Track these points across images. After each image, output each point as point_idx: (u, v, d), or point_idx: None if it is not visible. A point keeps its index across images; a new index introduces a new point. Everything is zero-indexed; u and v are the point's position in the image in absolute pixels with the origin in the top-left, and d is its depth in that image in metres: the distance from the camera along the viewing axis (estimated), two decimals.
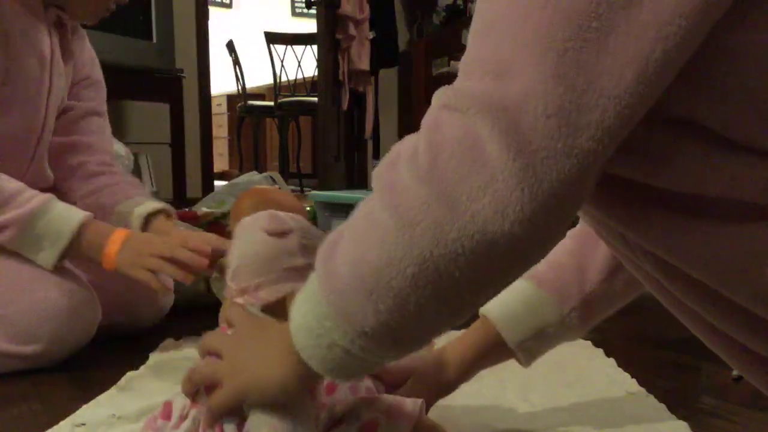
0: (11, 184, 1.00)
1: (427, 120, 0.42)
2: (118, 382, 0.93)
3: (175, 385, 0.89)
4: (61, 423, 0.80)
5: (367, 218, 0.44)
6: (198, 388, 0.57)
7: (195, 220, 1.52)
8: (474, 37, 0.41)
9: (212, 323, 0.91)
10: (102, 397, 0.88)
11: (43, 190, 1.10)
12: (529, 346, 0.70)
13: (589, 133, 0.37)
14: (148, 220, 1.14)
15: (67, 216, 1.00)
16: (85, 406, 0.85)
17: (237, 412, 0.55)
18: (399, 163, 0.42)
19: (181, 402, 0.60)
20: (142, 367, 1.00)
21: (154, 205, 1.15)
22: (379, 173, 0.44)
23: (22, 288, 1.00)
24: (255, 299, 0.62)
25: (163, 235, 1.08)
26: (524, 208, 0.37)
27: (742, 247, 0.40)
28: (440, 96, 0.42)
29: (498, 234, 0.38)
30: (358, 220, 0.45)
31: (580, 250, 0.70)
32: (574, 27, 0.36)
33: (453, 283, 0.41)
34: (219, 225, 1.54)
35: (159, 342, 1.13)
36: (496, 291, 0.44)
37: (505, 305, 0.70)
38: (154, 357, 1.05)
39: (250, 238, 0.64)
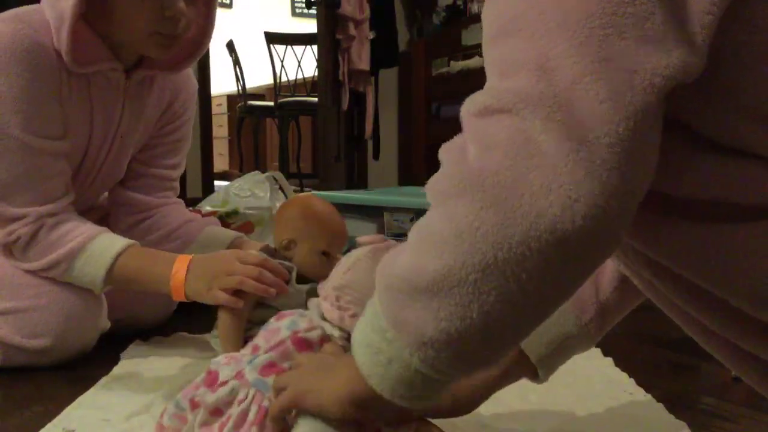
0: (68, 224, 1.01)
1: (470, 128, 0.41)
2: (97, 383, 0.94)
3: (153, 385, 0.90)
4: (49, 426, 0.80)
5: (423, 229, 0.42)
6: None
7: None
8: (495, 39, 0.40)
9: (212, 323, 0.91)
10: (82, 399, 0.88)
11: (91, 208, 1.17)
12: (550, 360, 0.68)
13: (650, 112, 0.36)
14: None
15: (109, 244, 1.00)
16: (69, 408, 0.85)
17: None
18: (448, 171, 0.41)
19: (227, 371, 0.63)
20: (114, 368, 1.01)
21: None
22: (431, 184, 0.43)
23: (38, 284, 1.02)
24: (345, 321, 0.63)
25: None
26: (597, 200, 0.36)
27: (733, 247, 0.40)
28: (476, 102, 0.40)
29: (569, 231, 0.36)
30: (415, 233, 0.43)
31: None
32: (609, 14, 0.36)
33: (520, 287, 0.38)
34: (224, 223, 1.54)
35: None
36: (570, 293, 0.42)
37: None
38: (126, 358, 1.06)
39: (365, 268, 0.64)
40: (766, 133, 0.38)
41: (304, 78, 4.02)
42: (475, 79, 0.43)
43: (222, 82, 5.20)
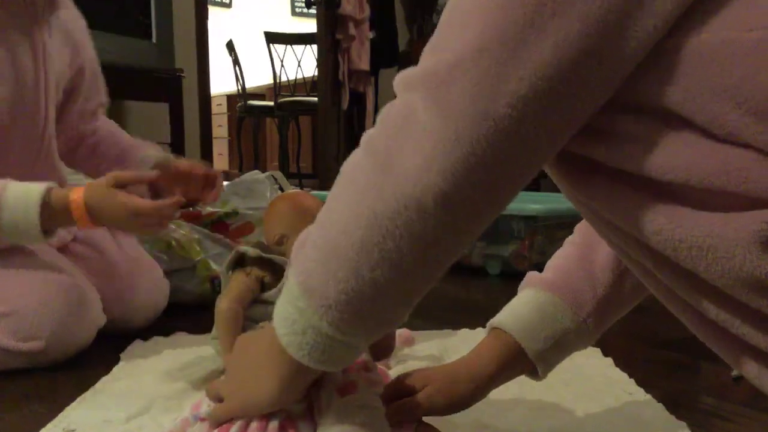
0: None
1: (385, 106, 0.47)
2: (96, 385, 0.93)
3: (153, 385, 0.91)
4: (49, 426, 0.79)
5: (330, 199, 0.49)
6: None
7: (198, 219, 1.52)
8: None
9: (211, 323, 0.91)
10: (82, 400, 0.88)
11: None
12: (549, 356, 0.68)
13: (505, 99, 0.40)
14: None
15: (26, 191, 0.96)
16: (69, 409, 0.84)
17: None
18: (358, 147, 0.48)
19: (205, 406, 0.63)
20: (114, 368, 1.01)
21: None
22: (346, 160, 0.49)
23: (29, 287, 1.02)
24: None
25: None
26: (446, 163, 0.42)
27: (727, 235, 0.40)
28: (395, 82, 0.47)
29: (424, 189, 0.42)
30: (326, 203, 0.49)
31: (585, 256, 0.69)
32: (504, 6, 0.40)
33: (395, 244, 0.44)
34: (223, 224, 1.54)
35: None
36: (441, 257, 0.47)
37: (521, 316, 0.68)
38: (125, 359, 1.06)
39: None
40: (756, 124, 0.39)
41: (304, 78, 4.03)
42: None
43: (222, 82, 5.21)
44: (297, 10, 6.64)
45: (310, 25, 4.66)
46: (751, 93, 0.39)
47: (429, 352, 1.05)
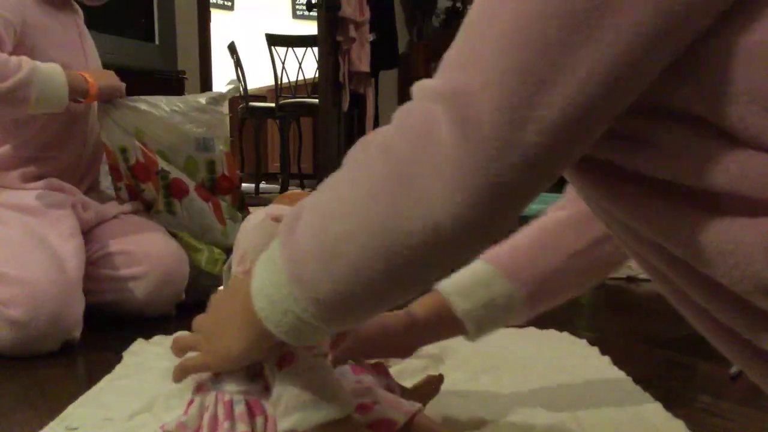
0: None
1: (400, 108, 0.45)
2: (98, 383, 0.94)
3: (155, 384, 0.91)
4: (51, 424, 0.80)
5: (332, 191, 0.47)
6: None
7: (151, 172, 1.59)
8: (455, 39, 0.44)
9: None
10: (84, 398, 0.88)
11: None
12: (478, 316, 0.72)
13: (534, 127, 0.39)
14: None
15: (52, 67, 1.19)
16: (71, 407, 0.85)
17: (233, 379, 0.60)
18: (370, 145, 0.45)
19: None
20: (117, 367, 1.01)
21: None
22: (351, 152, 0.47)
23: (29, 254, 1.08)
24: None
25: None
26: (471, 192, 0.40)
27: (748, 240, 0.40)
28: (419, 86, 0.45)
29: (445, 215, 0.41)
30: (323, 193, 0.48)
31: (538, 237, 0.73)
32: (537, 29, 0.38)
33: (403, 260, 0.43)
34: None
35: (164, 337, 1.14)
36: (444, 273, 0.47)
37: (456, 279, 0.73)
38: (128, 357, 1.06)
39: (253, 226, 0.68)
40: None
41: (305, 79, 4.04)
42: None
43: (224, 84, 5.21)
44: (298, 12, 6.66)
45: (311, 28, 4.67)
46: None
47: (428, 350, 1.06)
